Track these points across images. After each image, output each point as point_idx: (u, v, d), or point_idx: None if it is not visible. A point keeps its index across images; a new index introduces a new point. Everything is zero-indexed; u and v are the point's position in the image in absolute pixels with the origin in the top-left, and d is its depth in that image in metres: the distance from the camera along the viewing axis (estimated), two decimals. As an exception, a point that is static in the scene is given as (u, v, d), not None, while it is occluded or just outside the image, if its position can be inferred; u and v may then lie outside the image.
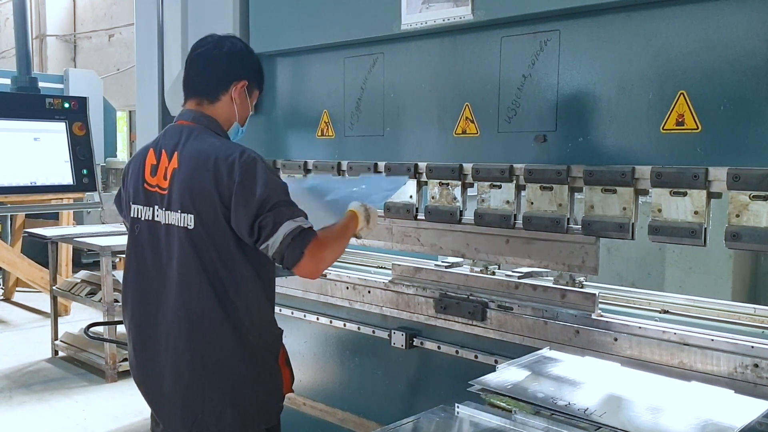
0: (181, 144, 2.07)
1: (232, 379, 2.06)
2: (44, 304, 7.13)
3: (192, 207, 2.00)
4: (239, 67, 2.18)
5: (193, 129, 2.10)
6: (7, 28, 13.87)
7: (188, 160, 2.04)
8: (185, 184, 2.02)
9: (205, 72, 2.17)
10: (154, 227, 2.09)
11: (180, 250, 2.02)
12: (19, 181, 6.32)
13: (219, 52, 2.16)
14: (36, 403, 4.92)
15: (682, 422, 1.76)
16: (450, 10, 2.59)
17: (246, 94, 2.22)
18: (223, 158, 1.98)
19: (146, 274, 2.13)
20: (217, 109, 2.17)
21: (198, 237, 1.99)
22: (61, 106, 6.63)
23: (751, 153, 2.00)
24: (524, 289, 2.61)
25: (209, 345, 2.04)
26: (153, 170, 2.11)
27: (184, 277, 2.02)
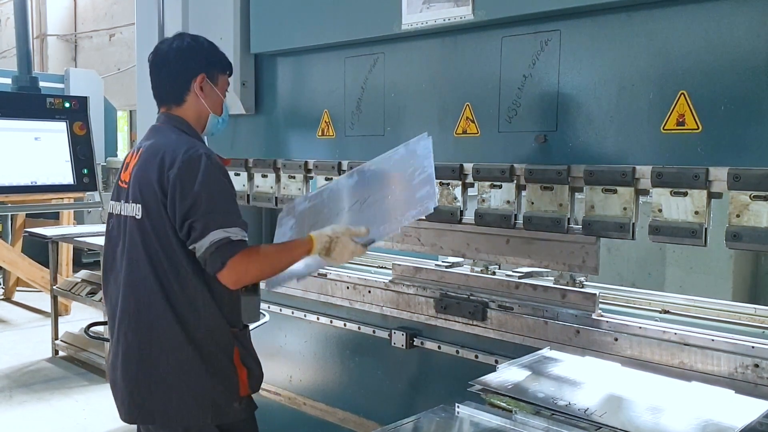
0: (147, 141, 2.18)
1: (177, 371, 2.07)
2: (45, 303, 7.14)
3: (140, 197, 2.07)
4: (191, 64, 2.20)
5: (159, 128, 2.20)
6: (7, 28, 13.87)
7: (144, 153, 2.13)
8: (137, 176, 2.10)
9: (161, 80, 2.22)
10: (120, 220, 2.17)
11: (129, 240, 2.09)
12: (19, 180, 6.31)
13: (168, 56, 2.20)
14: (36, 402, 4.92)
15: (682, 422, 1.76)
16: (450, 10, 2.59)
17: (210, 84, 2.23)
18: (171, 151, 2.04)
19: (113, 266, 2.20)
20: (185, 109, 2.22)
21: (143, 227, 2.06)
22: (62, 105, 6.62)
23: (752, 153, 2.00)
24: (524, 289, 2.61)
25: (154, 334, 2.07)
26: (125, 168, 2.22)
27: (133, 266, 2.08)
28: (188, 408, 2.08)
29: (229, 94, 3.50)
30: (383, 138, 2.96)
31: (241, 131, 3.72)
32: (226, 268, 1.97)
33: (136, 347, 2.09)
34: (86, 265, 7.91)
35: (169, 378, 2.07)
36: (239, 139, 3.71)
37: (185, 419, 2.09)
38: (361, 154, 3.03)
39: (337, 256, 2.14)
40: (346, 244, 2.14)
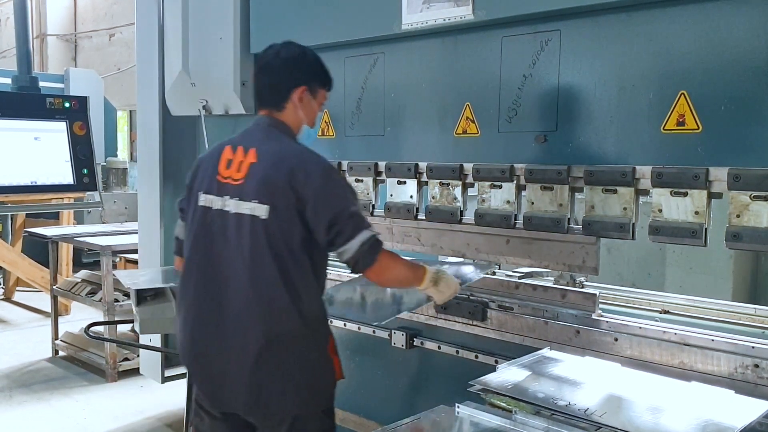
0: (258, 142, 2.22)
1: (296, 360, 2.15)
2: (44, 303, 7.14)
3: (268, 199, 2.12)
4: (297, 74, 2.28)
5: (270, 131, 2.26)
6: (7, 28, 13.86)
7: (268, 156, 2.18)
8: (264, 178, 2.14)
9: (266, 85, 2.31)
10: (224, 216, 2.20)
11: (252, 237, 2.13)
12: (19, 180, 6.32)
13: (276, 63, 2.28)
14: (36, 402, 4.91)
15: (682, 422, 1.76)
16: (450, 10, 2.59)
17: (309, 96, 2.31)
18: (300, 160, 2.14)
19: (214, 259, 2.21)
20: (284, 115, 2.29)
21: (270, 227, 2.11)
22: (62, 105, 6.62)
23: (752, 153, 2.00)
24: (524, 289, 2.61)
25: (278, 326, 2.13)
26: (228, 164, 2.24)
27: (256, 263, 2.13)
28: (302, 397, 2.16)
29: (231, 95, 3.52)
30: (383, 138, 2.96)
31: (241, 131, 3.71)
32: (377, 263, 2.16)
33: (261, 342, 2.13)
34: (86, 265, 7.90)
35: (291, 369, 2.15)
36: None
37: (301, 407, 2.18)
38: (361, 154, 3.04)
39: (443, 288, 2.35)
40: (450, 280, 2.38)
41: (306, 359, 2.17)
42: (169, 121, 4.04)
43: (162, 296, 3.00)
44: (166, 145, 4.10)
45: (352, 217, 2.12)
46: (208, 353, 2.23)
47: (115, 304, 5.36)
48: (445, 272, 2.40)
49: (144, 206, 4.30)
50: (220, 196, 2.22)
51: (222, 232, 2.20)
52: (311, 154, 2.20)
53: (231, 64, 3.49)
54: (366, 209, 2.97)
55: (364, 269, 2.16)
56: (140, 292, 2.96)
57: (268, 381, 2.14)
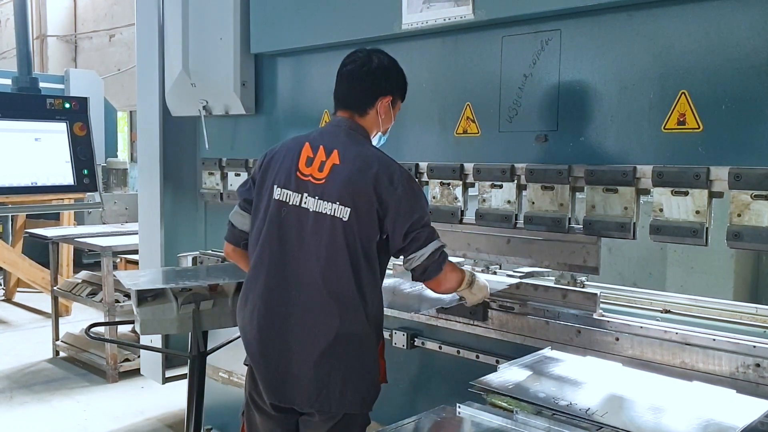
0: (341, 144, 2.25)
1: (357, 360, 2.21)
2: (45, 304, 7.14)
3: (351, 201, 2.17)
4: (385, 84, 2.32)
5: (351, 133, 2.29)
6: (7, 29, 13.87)
7: (353, 159, 2.21)
8: (348, 180, 2.18)
9: (353, 88, 2.33)
10: (301, 212, 2.23)
11: (330, 236, 2.18)
12: (20, 181, 6.32)
13: (367, 69, 2.30)
14: (37, 403, 4.92)
15: (683, 422, 1.76)
16: (451, 10, 2.58)
17: (390, 107, 2.34)
18: (385, 167, 2.20)
19: (288, 253, 2.24)
20: (365, 120, 2.33)
21: (350, 229, 2.17)
22: (62, 106, 6.63)
23: (753, 152, 2.00)
24: (525, 289, 2.61)
25: (347, 325, 2.18)
26: (308, 161, 2.26)
27: (331, 262, 2.18)
28: (359, 396, 2.21)
29: (232, 95, 3.52)
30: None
31: (241, 131, 3.72)
32: (443, 272, 2.25)
33: (330, 339, 2.17)
34: (87, 266, 7.90)
35: (352, 368, 2.20)
36: (239, 140, 3.71)
37: (357, 406, 2.22)
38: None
39: (476, 290, 2.43)
40: (482, 283, 2.47)
41: (366, 360, 2.24)
42: (169, 121, 4.03)
43: (162, 297, 3.00)
44: (166, 145, 4.10)
45: (427, 226, 2.21)
46: (275, 347, 2.25)
47: (115, 304, 5.36)
48: (477, 275, 2.48)
49: (144, 207, 4.29)
50: (298, 192, 2.24)
51: (298, 228, 2.22)
52: (392, 160, 2.25)
53: (231, 64, 3.49)
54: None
55: (430, 278, 2.24)
56: (141, 293, 2.96)
57: (331, 378, 2.18)
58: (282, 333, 2.23)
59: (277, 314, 2.24)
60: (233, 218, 2.46)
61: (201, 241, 4.17)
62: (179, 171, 4.15)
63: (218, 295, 3.08)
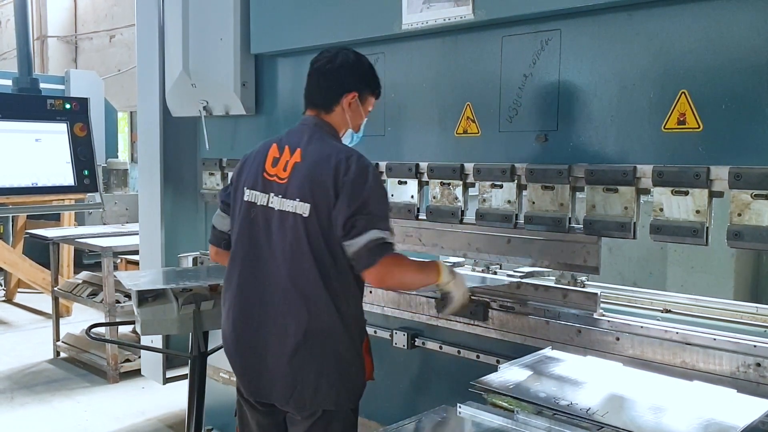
0: (304, 142, 2.28)
1: (331, 356, 2.20)
2: (46, 305, 7.14)
3: (310, 197, 2.18)
4: (349, 80, 2.34)
5: (315, 131, 2.31)
6: (8, 29, 13.87)
7: (312, 155, 2.23)
8: (306, 176, 2.20)
9: (319, 86, 2.36)
10: (268, 212, 2.26)
11: (293, 234, 2.19)
12: (20, 182, 6.32)
13: (331, 67, 2.33)
14: (38, 404, 4.92)
15: (684, 422, 1.76)
16: (451, 10, 2.59)
17: (358, 103, 2.36)
18: (344, 158, 2.19)
19: (258, 253, 2.28)
20: (332, 117, 2.35)
21: (311, 224, 2.17)
22: (63, 107, 6.63)
23: (753, 152, 2.00)
24: (526, 288, 2.61)
25: (316, 322, 2.18)
26: (274, 162, 2.30)
27: (296, 259, 2.19)
28: (335, 392, 2.21)
29: (232, 95, 3.52)
30: (384, 138, 2.96)
31: (241, 132, 3.72)
32: (379, 264, 2.13)
33: (298, 335, 2.18)
34: (87, 267, 7.90)
35: (326, 364, 2.19)
36: (240, 140, 3.71)
37: (333, 402, 2.22)
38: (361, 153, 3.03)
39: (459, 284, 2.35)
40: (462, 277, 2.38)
41: (341, 356, 2.21)
42: (169, 122, 4.04)
43: (163, 297, 3.00)
44: (166, 146, 4.10)
45: (370, 214, 2.14)
46: (249, 345, 2.28)
47: (116, 305, 5.36)
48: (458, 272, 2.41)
49: (145, 207, 4.30)
50: (265, 192, 2.28)
51: (266, 228, 2.26)
52: (355, 152, 2.25)
53: (231, 64, 3.49)
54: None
55: (363, 269, 2.15)
56: (141, 293, 2.97)
57: (304, 375, 2.19)
58: (256, 331, 2.26)
59: (251, 313, 2.28)
60: (215, 220, 2.52)
61: (201, 241, 4.17)
62: (180, 171, 4.15)
63: (219, 296, 3.07)
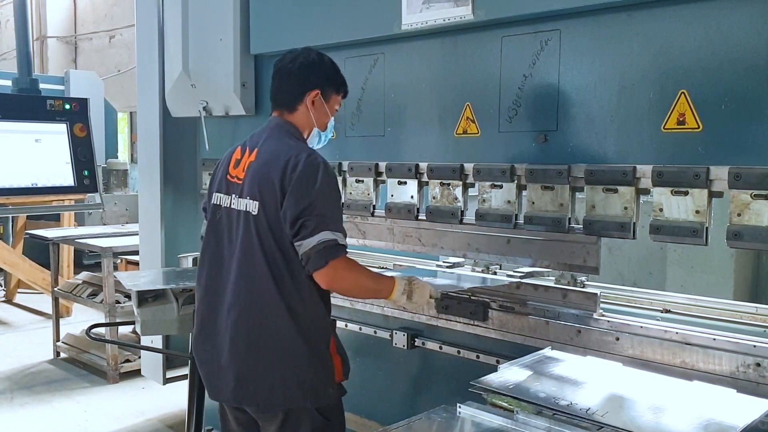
0: (262, 142, 2.30)
1: (284, 356, 2.18)
2: (46, 305, 7.14)
3: (258, 195, 2.19)
4: (312, 78, 2.33)
5: (274, 131, 2.33)
6: (7, 30, 13.87)
7: (264, 154, 2.25)
8: (257, 174, 2.22)
9: (281, 86, 2.37)
10: (230, 213, 2.29)
11: (244, 233, 2.21)
12: (20, 182, 6.33)
13: (292, 66, 2.33)
14: (38, 404, 4.92)
15: (684, 422, 1.76)
16: (450, 10, 2.59)
17: (321, 101, 2.35)
18: (294, 155, 2.18)
19: (221, 253, 2.30)
20: (295, 117, 2.35)
21: (260, 222, 2.17)
22: (62, 107, 6.64)
23: (753, 152, 2.00)
24: (526, 289, 2.61)
25: (265, 321, 2.18)
26: (236, 164, 2.33)
27: (247, 257, 2.20)
28: (292, 392, 2.19)
29: (232, 96, 3.52)
30: (383, 138, 2.96)
31: (241, 132, 3.72)
32: (328, 267, 2.11)
33: (247, 334, 2.19)
34: (87, 267, 7.90)
35: (277, 364, 2.18)
36: (240, 140, 3.70)
37: (288, 402, 2.21)
38: (361, 154, 3.03)
39: (417, 298, 2.33)
40: (423, 286, 2.35)
41: (295, 355, 2.18)
42: (169, 122, 4.04)
43: (163, 297, 3.00)
44: (166, 146, 4.11)
45: (321, 216, 2.10)
46: (209, 346, 2.30)
47: (116, 305, 5.36)
48: (418, 280, 2.36)
49: (145, 208, 4.30)
50: (228, 194, 2.31)
51: (228, 229, 2.29)
52: (309, 150, 2.23)
53: (231, 65, 3.49)
54: (366, 210, 2.97)
55: (313, 270, 2.12)
56: (141, 294, 2.97)
57: (256, 374, 2.19)
58: (214, 332, 2.28)
59: (212, 313, 2.30)
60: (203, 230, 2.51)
61: (201, 241, 4.17)
62: (179, 172, 4.16)
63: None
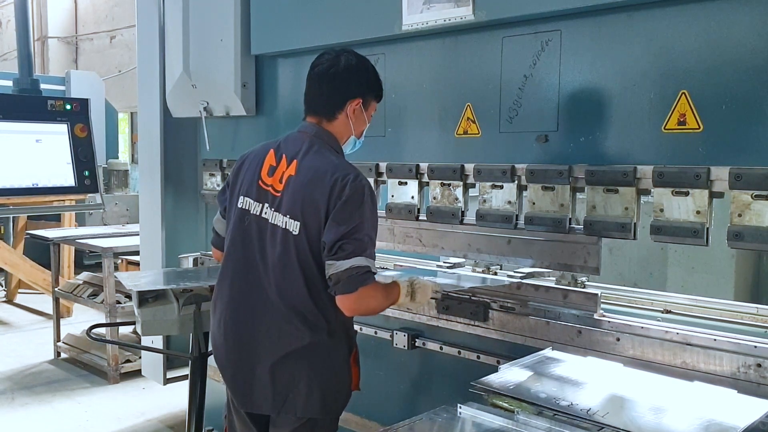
0: (301, 154, 2.21)
1: (320, 366, 2.20)
2: (46, 305, 7.14)
3: (300, 216, 2.14)
4: (354, 86, 2.25)
5: (314, 142, 2.23)
6: (8, 30, 13.89)
7: (307, 171, 2.17)
8: (299, 193, 2.16)
9: (321, 92, 2.26)
10: (262, 222, 2.23)
11: (282, 249, 2.17)
12: (21, 182, 6.34)
13: (335, 71, 2.23)
14: (38, 404, 4.92)
15: (685, 422, 1.76)
16: (451, 11, 2.59)
17: (362, 109, 2.29)
18: (340, 177, 2.12)
19: (250, 261, 2.25)
20: (334, 126, 2.27)
21: (300, 243, 2.15)
22: (63, 107, 6.65)
23: (753, 152, 2.00)
24: (526, 289, 2.61)
25: (304, 333, 2.17)
26: (270, 171, 2.25)
27: (285, 274, 2.17)
28: (325, 401, 2.21)
29: (232, 96, 3.52)
30: (384, 139, 2.96)
31: (242, 132, 3.72)
32: (356, 293, 2.09)
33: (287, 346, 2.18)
34: (88, 267, 7.90)
35: (315, 374, 2.19)
36: (240, 141, 3.71)
37: (320, 412, 2.22)
38: (362, 154, 3.02)
39: (420, 298, 2.32)
40: (425, 285, 2.33)
41: (330, 366, 2.22)
42: (170, 122, 4.04)
43: (164, 298, 3.00)
44: (167, 146, 4.11)
45: (359, 241, 2.09)
46: (240, 356, 2.26)
47: (116, 305, 5.37)
48: (419, 279, 2.36)
49: (145, 208, 4.30)
50: (259, 201, 2.24)
51: (259, 238, 2.23)
52: (354, 171, 2.17)
53: (232, 65, 3.50)
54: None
55: (340, 293, 2.11)
56: (142, 294, 2.97)
57: (296, 384, 2.19)
58: (248, 342, 2.24)
59: (243, 323, 2.26)
60: (216, 225, 2.50)
61: (202, 242, 4.18)
62: (180, 172, 4.16)
63: (219, 296, 3.08)
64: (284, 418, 2.24)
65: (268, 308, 2.20)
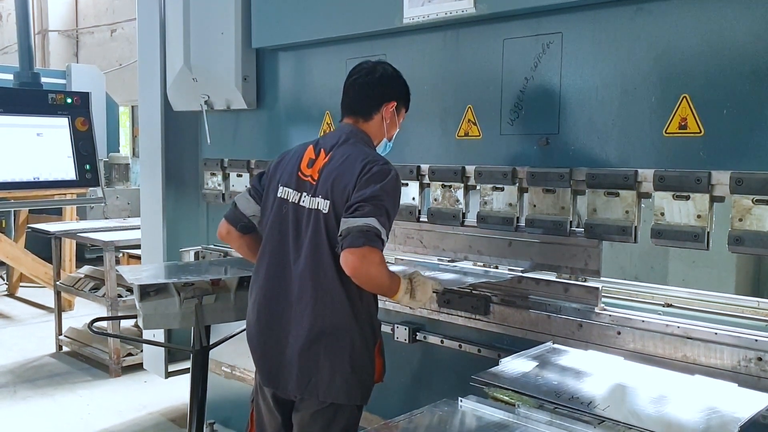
0: (338, 146, 2.35)
1: (345, 350, 2.27)
2: (48, 299, 7.15)
3: (330, 194, 2.25)
4: (389, 90, 2.41)
5: (350, 137, 2.38)
6: (9, 24, 13.86)
7: (340, 157, 2.31)
8: (331, 174, 2.28)
9: (360, 96, 2.42)
10: (299, 210, 2.34)
11: (314, 230, 2.27)
12: (22, 176, 6.33)
13: (372, 79, 2.39)
14: (40, 397, 4.94)
15: (685, 416, 1.77)
16: (452, 4, 2.58)
17: (395, 113, 2.43)
18: (370, 161, 2.25)
19: (286, 248, 2.35)
20: (369, 126, 2.42)
21: (329, 220, 2.24)
22: (64, 101, 6.64)
23: (754, 157, 2.00)
24: (527, 283, 2.61)
25: (331, 316, 2.26)
26: (310, 163, 2.37)
27: (315, 253, 2.27)
28: (348, 387, 2.28)
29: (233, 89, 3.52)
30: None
31: (242, 126, 3.72)
32: (362, 250, 2.12)
33: (315, 328, 2.26)
34: (89, 261, 7.92)
35: (339, 358, 2.26)
36: (241, 135, 3.71)
37: (343, 397, 2.29)
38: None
39: (420, 296, 2.36)
40: (425, 284, 2.38)
41: (356, 352, 2.28)
42: (171, 116, 4.04)
43: (165, 291, 3.01)
44: (168, 140, 4.11)
45: (377, 206, 2.16)
46: (270, 336, 2.37)
47: (118, 299, 5.38)
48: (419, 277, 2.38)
49: (146, 201, 4.30)
50: (298, 191, 2.35)
51: (296, 225, 2.33)
52: (384, 160, 2.29)
53: (232, 59, 3.50)
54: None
55: (346, 247, 2.13)
56: (143, 288, 2.97)
57: (319, 367, 2.26)
58: (277, 323, 2.34)
59: (275, 306, 2.35)
60: (238, 200, 2.56)
61: (203, 235, 4.18)
62: (181, 165, 4.16)
63: (221, 290, 3.09)
64: (307, 401, 2.30)
65: (298, 291, 2.28)
